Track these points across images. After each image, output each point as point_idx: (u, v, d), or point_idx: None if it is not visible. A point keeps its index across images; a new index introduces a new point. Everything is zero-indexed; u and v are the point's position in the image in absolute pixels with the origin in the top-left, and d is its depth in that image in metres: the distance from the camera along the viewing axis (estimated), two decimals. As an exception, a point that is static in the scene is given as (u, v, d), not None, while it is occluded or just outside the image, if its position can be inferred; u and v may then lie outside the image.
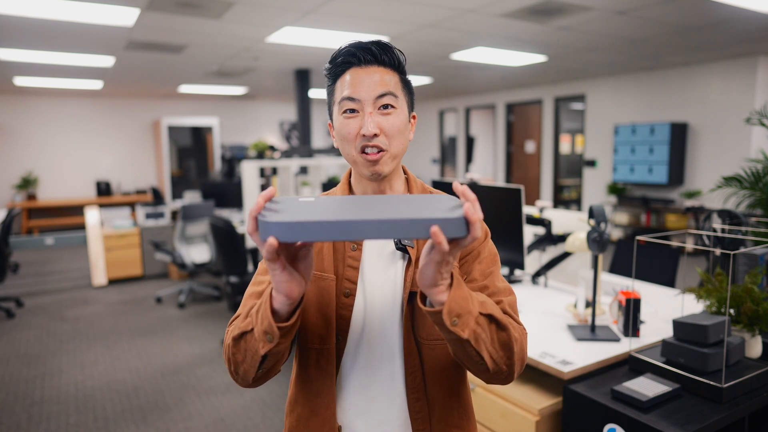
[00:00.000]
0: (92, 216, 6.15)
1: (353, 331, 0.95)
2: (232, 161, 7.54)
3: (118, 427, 2.85)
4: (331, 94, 0.97)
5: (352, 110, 0.92)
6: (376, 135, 0.90)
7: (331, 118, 0.98)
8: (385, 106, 0.92)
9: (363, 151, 0.92)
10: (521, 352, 0.87)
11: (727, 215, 2.19)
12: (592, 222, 1.90)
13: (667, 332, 1.94)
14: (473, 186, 2.83)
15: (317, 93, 8.79)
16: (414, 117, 1.00)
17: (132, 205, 9.50)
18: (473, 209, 0.67)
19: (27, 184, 9.10)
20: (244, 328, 0.84)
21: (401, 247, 0.94)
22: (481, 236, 0.97)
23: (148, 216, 6.24)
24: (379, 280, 0.96)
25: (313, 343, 0.95)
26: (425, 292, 0.75)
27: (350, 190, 1.02)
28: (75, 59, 5.80)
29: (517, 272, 2.80)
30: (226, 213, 6.01)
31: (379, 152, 0.92)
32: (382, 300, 0.95)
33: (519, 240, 2.44)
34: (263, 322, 0.78)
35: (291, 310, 0.79)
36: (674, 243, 3.58)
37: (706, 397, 1.55)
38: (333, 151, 6.27)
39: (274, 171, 5.48)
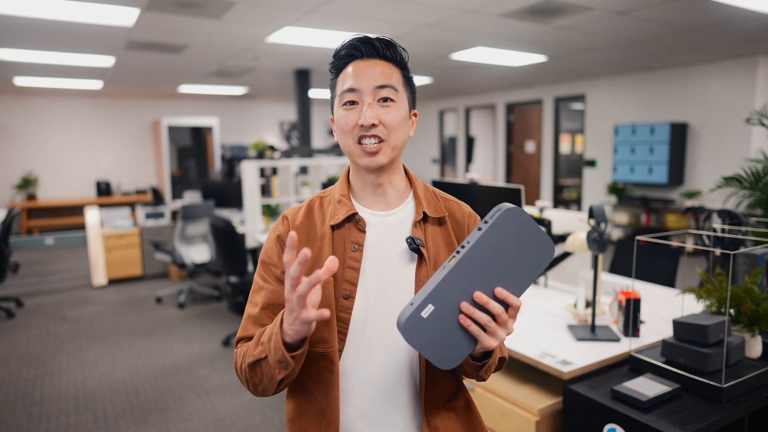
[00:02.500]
0: (92, 216, 6.15)
1: (353, 333, 0.94)
2: (232, 161, 7.56)
3: (118, 427, 2.85)
4: (333, 87, 0.97)
5: (352, 102, 0.92)
6: (374, 125, 0.90)
7: (332, 112, 0.98)
8: (385, 99, 0.92)
9: (360, 142, 0.92)
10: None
11: (727, 215, 2.19)
12: (592, 222, 1.90)
13: (667, 332, 1.94)
14: (473, 186, 2.83)
15: (317, 93, 8.79)
16: (415, 115, 1.00)
17: (132, 205, 9.49)
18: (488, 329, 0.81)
19: (27, 184, 9.09)
20: (258, 356, 0.88)
21: (414, 247, 0.94)
22: None
23: (148, 216, 6.24)
24: (385, 280, 0.94)
25: (315, 347, 0.94)
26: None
27: (349, 186, 1.01)
28: (75, 59, 5.79)
29: (517, 272, 2.79)
30: (226, 213, 6.02)
31: (378, 143, 0.92)
32: (387, 301, 0.94)
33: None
34: (277, 353, 0.83)
35: (301, 340, 0.84)
36: (674, 243, 3.58)
37: (706, 397, 1.55)
38: (333, 151, 6.27)
39: (274, 171, 5.48)
